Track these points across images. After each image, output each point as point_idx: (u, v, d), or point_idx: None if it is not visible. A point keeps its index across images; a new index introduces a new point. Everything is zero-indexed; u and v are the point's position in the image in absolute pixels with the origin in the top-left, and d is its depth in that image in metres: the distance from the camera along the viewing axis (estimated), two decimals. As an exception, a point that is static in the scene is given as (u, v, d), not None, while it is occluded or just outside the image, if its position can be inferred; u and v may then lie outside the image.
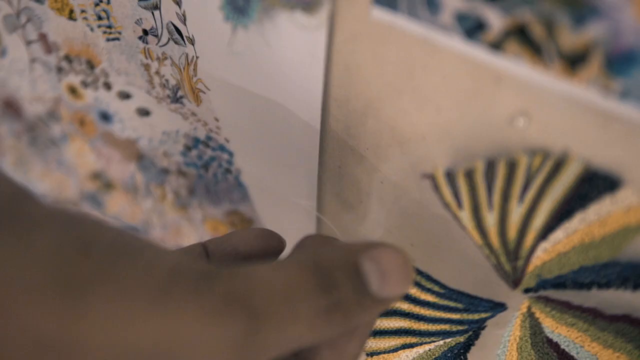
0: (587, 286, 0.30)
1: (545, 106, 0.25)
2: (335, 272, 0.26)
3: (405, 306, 0.32)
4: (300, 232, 0.42)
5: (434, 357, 0.34)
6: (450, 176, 0.28)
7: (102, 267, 0.21)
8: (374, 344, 0.34)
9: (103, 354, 0.21)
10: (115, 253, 0.22)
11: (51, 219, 0.22)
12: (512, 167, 0.26)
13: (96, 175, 0.57)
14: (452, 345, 0.34)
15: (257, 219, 0.47)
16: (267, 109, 0.36)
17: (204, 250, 0.33)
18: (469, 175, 0.27)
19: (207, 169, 0.46)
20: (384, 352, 0.35)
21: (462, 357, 0.34)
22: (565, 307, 0.31)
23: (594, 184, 0.26)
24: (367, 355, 0.35)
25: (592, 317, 0.30)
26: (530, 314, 0.32)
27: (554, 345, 0.32)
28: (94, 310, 0.21)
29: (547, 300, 0.31)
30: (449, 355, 0.34)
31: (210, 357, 0.22)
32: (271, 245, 0.33)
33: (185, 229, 0.54)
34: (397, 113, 0.31)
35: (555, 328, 0.31)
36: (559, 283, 0.30)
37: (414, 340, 0.33)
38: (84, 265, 0.21)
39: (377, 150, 0.34)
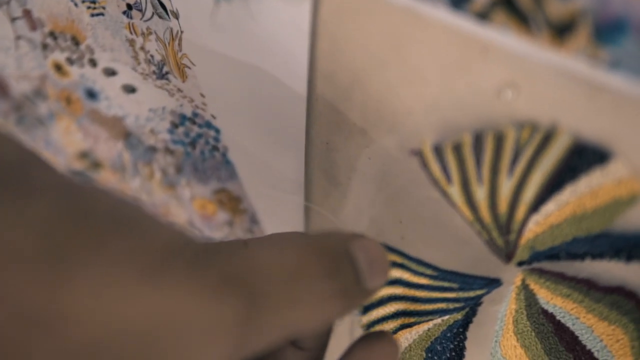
0: (581, 257, 0.29)
1: (533, 78, 0.25)
2: (335, 258, 0.25)
3: (399, 290, 0.32)
4: (288, 211, 0.42)
5: (433, 337, 0.34)
6: (439, 151, 0.27)
7: (95, 238, 0.21)
8: (370, 314, 0.34)
9: (89, 328, 0.20)
10: (111, 224, 0.21)
11: (51, 187, 0.22)
12: (500, 140, 0.26)
13: (84, 155, 0.57)
14: (451, 323, 0.33)
15: (245, 197, 0.46)
16: (253, 84, 0.36)
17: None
18: (457, 149, 0.27)
19: (194, 147, 0.45)
20: (382, 320, 0.34)
21: (461, 335, 0.34)
22: (560, 278, 0.30)
23: (584, 157, 0.26)
24: (365, 327, 0.35)
25: (586, 288, 0.30)
26: (524, 286, 0.31)
27: (550, 317, 0.32)
28: (81, 282, 0.20)
29: (542, 272, 0.31)
30: (448, 334, 0.34)
31: (204, 338, 0.21)
32: None
33: (173, 208, 0.53)
34: (384, 87, 0.30)
35: (551, 299, 0.31)
36: (553, 255, 0.30)
37: (411, 320, 0.33)
38: (76, 236, 0.20)
39: (364, 125, 0.33)
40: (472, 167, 0.27)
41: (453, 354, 0.35)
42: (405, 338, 0.34)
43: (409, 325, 0.34)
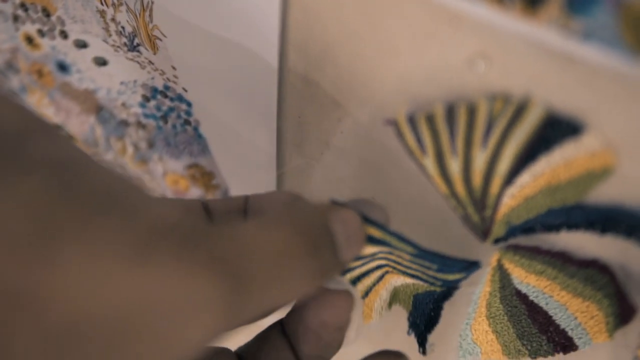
0: (556, 228, 0.29)
1: (505, 48, 0.25)
2: (318, 235, 0.26)
3: (381, 261, 0.32)
4: (261, 185, 0.42)
5: (417, 291, 0.34)
6: (412, 121, 0.27)
7: (84, 218, 0.20)
8: (361, 286, 0.34)
9: (72, 308, 0.20)
10: (102, 202, 0.21)
11: (45, 162, 0.21)
12: (472, 112, 0.26)
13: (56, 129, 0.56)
14: (432, 290, 0.33)
15: (218, 172, 0.46)
16: (224, 56, 0.35)
17: (204, 208, 0.31)
18: (430, 120, 0.26)
19: (166, 120, 0.45)
20: (373, 286, 0.34)
21: (439, 304, 0.34)
22: (535, 253, 0.30)
23: (557, 129, 0.25)
24: (363, 297, 0.35)
25: (561, 262, 0.30)
26: (499, 267, 0.31)
27: (523, 297, 0.32)
28: (66, 262, 0.20)
29: (517, 248, 0.31)
30: (429, 298, 0.34)
31: (189, 319, 0.21)
32: None
33: (146, 184, 0.53)
34: (356, 58, 0.30)
35: (524, 278, 0.31)
36: (528, 228, 0.30)
37: (396, 272, 0.33)
38: (64, 214, 0.20)
39: (336, 97, 0.33)
40: (446, 139, 0.27)
41: (432, 314, 0.35)
42: (395, 280, 0.34)
43: (395, 273, 0.33)
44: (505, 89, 0.25)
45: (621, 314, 0.31)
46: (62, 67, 0.49)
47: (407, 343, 0.37)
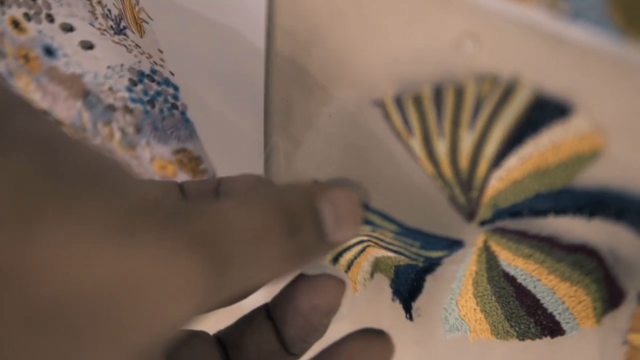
0: (544, 213, 0.29)
1: (493, 30, 0.24)
2: (299, 216, 0.26)
3: (363, 237, 0.32)
4: (248, 169, 0.41)
5: (399, 263, 0.34)
6: (399, 102, 0.27)
7: (67, 196, 0.20)
8: (342, 261, 0.34)
9: (55, 285, 0.20)
10: (85, 181, 0.21)
11: (29, 140, 0.21)
12: (460, 93, 0.25)
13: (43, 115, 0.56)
14: (414, 264, 0.33)
15: (205, 157, 0.46)
16: (211, 39, 0.35)
17: (179, 188, 0.31)
18: (417, 101, 0.26)
19: (154, 105, 0.44)
20: (355, 259, 0.34)
21: (421, 278, 0.34)
22: (522, 237, 0.30)
23: (545, 111, 0.25)
24: (345, 271, 0.35)
25: (549, 246, 0.30)
26: (486, 248, 0.31)
27: (511, 279, 0.32)
28: (49, 239, 0.20)
29: (504, 232, 0.30)
30: (410, 270, 0.34)
31: (170, 297, 0.21)
32: None
33: (134, 169, 0.52)
34: (344, 40, 0.30)
35: (512, 260, 0.31)
36: (516, 212, 0.29)
37: (377, 245, 0.33)
38: (48, 193, 0.20)
39: (324, 81, 0.32)
40: (433, 120, 0.27)
41: (415, 284, 0.35)
42: (377, 252, 0.34)
43: (377, 246, 0.33)
44: (493, 70, 0.25)
45: (610, 298, 0.31)
46: (49, 52, 0.48)
47: (392, 309, 0.37)
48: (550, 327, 0.32)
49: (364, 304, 0.38)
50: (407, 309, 0.37)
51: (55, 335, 0.20)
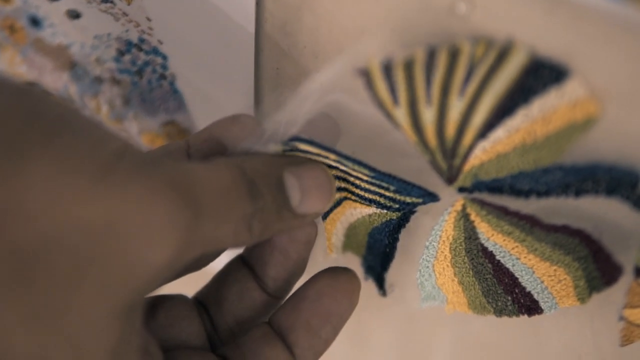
0: (525, 194, 0.29)
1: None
2: (260, 181, 0.26)
3: (340, 183, 0.31)
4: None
5: (374, 224, 0.34)
6: (387, 69, 0.26)
7: (47, 137, 0.21)
8: None
9: (39, 224, 0.20)
10: (62, 125, 0.22)
11: (8, 85, 0.22)
12: (454, 55, 0.25)
13: (30, 88, 0.55)
14: (387, 219, 0.33)
15: (194, 128, 0.45)
16: (200, 5, 0.34)
17: (186, 144, 0.32)
18: (408, 66, 0.26)
19: (141, 75, 0.44)
20: (331, 211, 0.34)
21: (395, 235, 0.33)
22: (502, 213, 0.30)
23: (539, 76, 0.24)
24: (322, 219, 0.35)
25: (529, 225, 0.30)
26: (465, 215, 0.31)
27: (489, 255, 0.31)
28: (34, 176, 0.20)
29: (483, 204, 0.30)
30: (386, 229, 0.33)
31: (151, 237, 0.22)
32: (247, 127, 0.31)
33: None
34: (335, 6, 0.29)
35: (491, 235, 0.30)
36: (496, 187, 0.29)
37: (354, 198, 0.32)
38: (28, 133, 0.21)
39: (314, 48, 0.32)
40: (422, 87, 0.26)
41: (387, 250, 0.34)
42: (351, 213, 0.34)
43: (353, 201, 0.33)
44: (487, 33, 0.25)
45: (603, 276, 0.30)
46: (35, 22, 0.48)
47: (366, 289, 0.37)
48: (528, 305, 0.32)
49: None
50: (380, 283, 0.36)
51: (41, 281, 0.20)
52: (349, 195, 0.32)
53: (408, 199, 0.31)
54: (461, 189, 0.30)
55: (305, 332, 0.29)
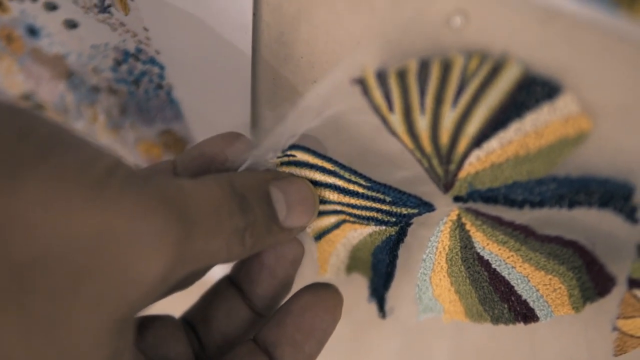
0: (519, 204, 0.29)
1: (483, 3, 0.24)
2: (250, 195, 0.27)
3: (334, 196, 0.32)
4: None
5: (376, 243, 0.34)
6: (381, 77, 0.26)
7: (41, 154, 0.21)
8: (314, 224, 0.34)
9: (35, 239, 0.20)
10: (55, 143, 0.22)
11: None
12: (446, 68, 0.25)
13: (26, 97, 0.55)
14: (387, 236, 0.33)
15: (191, 138, 0.45)
16: (197, 15, 0.34)
17: (172, 164, 0.32)
18: (401, 76, 0.26)
19: (138, 85, 0.44)
20: (328, 232, 0.34)
21: (394, 252, 0.34)
22: (497, 223, 0.30)
23: (533, 91, 0.25)
24: (315, 239, 0.35)
25: (524, 235, 0.30)
26: (460, 224, 0.31)
27: (485, 264, 0.31)
28: (28, 192, 0.20)
29: (478, 214, 0.30)
30: (386, 247, 0.34)
31: (144, 251, 0.22)
32: (240, 145, 0.32)
33: (118, 152, 0.52)
34: (331, 16, 0.29)
35: (486, 245, 0.31)
36: (490, 197, 0.29)
37: (352, 219, 0.33)
38: (21, 150, 0.21)
39: (311, 58, 0.32)
40: (416, 96, 0.26)
41: (389, 269, 0.35)
42: (352, 235, 0.34)
43: (352, 222, 0.33)
44: (482, 47, 0.25)
45: (596, 286, 0.30)
46: (32, 32, 0.48)
47: (365, 306, 0.38)
48: (524, 313, 0.32)
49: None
50: (381, 304, 0.37)
51: (38, 295, 0.20)
52: (347, 218, 0.32)
53: (404, 211, 0.31)
54: (457, 198, 0.30)
55: (290, 347, 0.30)
